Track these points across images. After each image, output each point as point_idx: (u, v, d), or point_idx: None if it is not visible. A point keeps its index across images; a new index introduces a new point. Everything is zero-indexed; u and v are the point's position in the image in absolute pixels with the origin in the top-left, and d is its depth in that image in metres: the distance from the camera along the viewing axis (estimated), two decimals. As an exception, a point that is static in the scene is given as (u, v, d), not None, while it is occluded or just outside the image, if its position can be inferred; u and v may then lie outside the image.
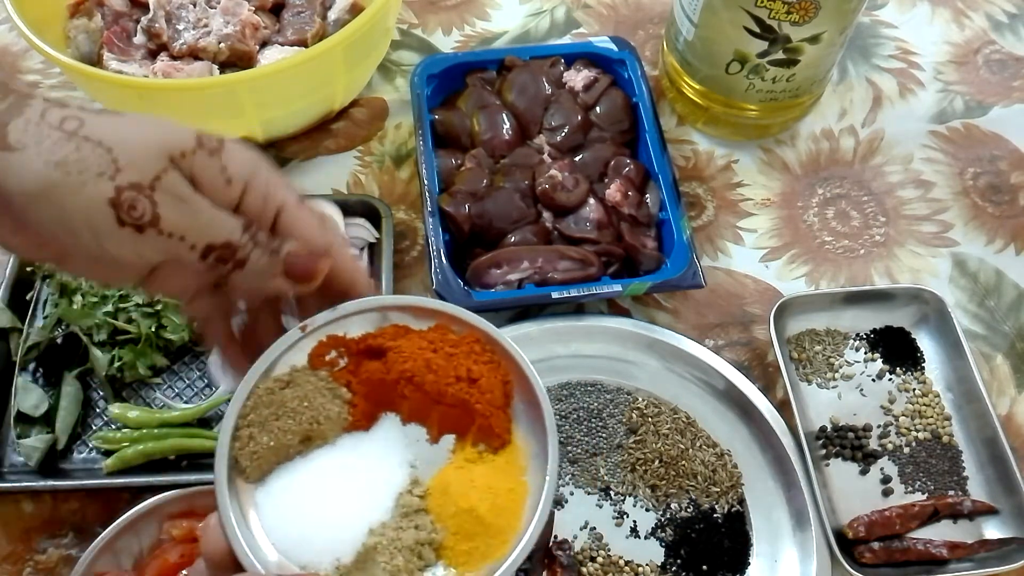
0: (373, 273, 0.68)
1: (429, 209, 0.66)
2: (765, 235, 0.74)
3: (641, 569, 0.57)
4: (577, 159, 0.71)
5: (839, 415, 0.64)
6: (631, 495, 0.60)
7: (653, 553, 0.58)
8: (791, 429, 0.61)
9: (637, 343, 0.65)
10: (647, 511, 0.60)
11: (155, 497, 0.55)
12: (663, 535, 0.59)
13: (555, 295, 0.62)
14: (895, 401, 0.65)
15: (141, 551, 0.55)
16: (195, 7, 0.71)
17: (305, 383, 0.39)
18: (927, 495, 0.61)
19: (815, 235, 0.74)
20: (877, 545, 0.57)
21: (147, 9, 0.72)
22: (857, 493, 0.61)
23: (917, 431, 0.63)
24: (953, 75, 0.85)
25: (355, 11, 0.72)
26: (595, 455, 0.61)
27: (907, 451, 0.63)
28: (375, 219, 0.69)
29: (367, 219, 0.69)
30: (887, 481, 0.61)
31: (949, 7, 0.91)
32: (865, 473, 0.62)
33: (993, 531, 0.59)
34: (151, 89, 0.65)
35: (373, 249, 0.69)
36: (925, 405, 0.64)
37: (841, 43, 0.70)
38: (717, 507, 0.60)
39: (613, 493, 0.60)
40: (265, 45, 0.73)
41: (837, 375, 0.66)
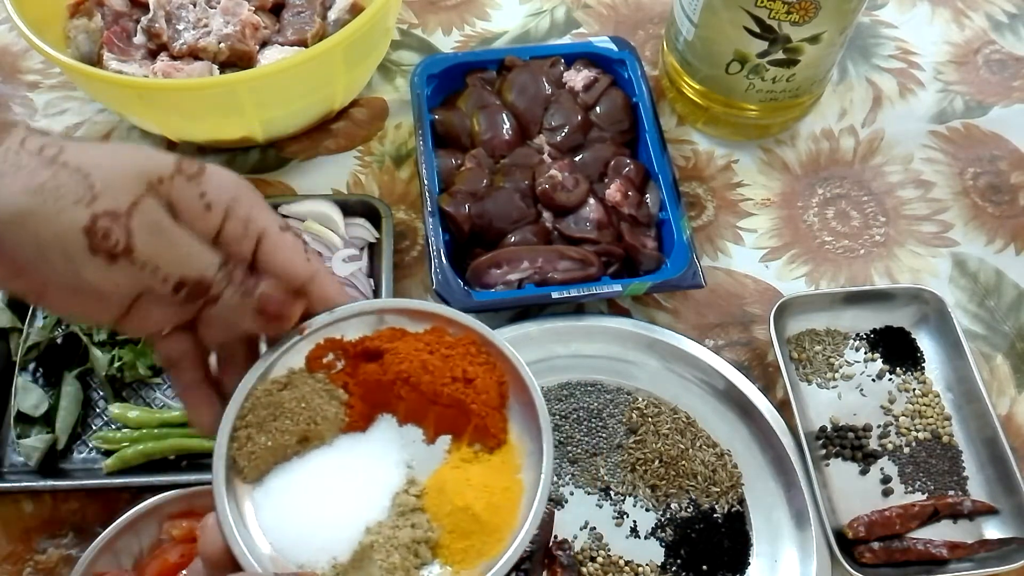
0: (373, 273, 0.68)
1: (429, 209, 0.66)
2: (765, 235, 0.74)
3: (641, 569, 0.57)
4: (577, 159, 0.71)
5: (839, 415, 0.64)
6: (631, 495, 0.60)
7: (653, 553, 0.58)
8: (791, 429, 0.61)
9: (637, 343, 0.65)
10: (647, 511, 0.60)
11: (155, 497, 0.55)
12: (663, 535, 0.59)
13: (555, 295, 0.62)
14: (895, 401, 0.65)
15: (141, 551, 0.55)
16: (195, 7, 0.71)
17: (303, 385, 0.39)
18: (927, 495, 0.61)
19: (815, 235, 0.74)
20: (877, 545, 0.57)
21: (147, 9, 0.72)
22: (857, 493, 0.61)
23: (917, 431, 0.63)
24: (953, 75, 0.85)
25: (355, 11, 0.72)
26: (595, 455, 0.61)
27: (907, 451, 0.63)
28: (375, 219, 0.69)
29: (367, 219, 0.69)
30: (887, 481, 0.61)
31: (949, 7, 0.91)
32: (865, 473, 0.62)
33: (993, 531, 0.59)
34: (151, 89, 0.65)
35: (373, 249, 0.69)
36: (925, 405, 0.64)
37: (841, 43, 0.70)
38: (717, 507, 0.60)
39: (613, 493, 0.60)
40: (265, 45, 0.73)
41: (837, 375, 0.66)
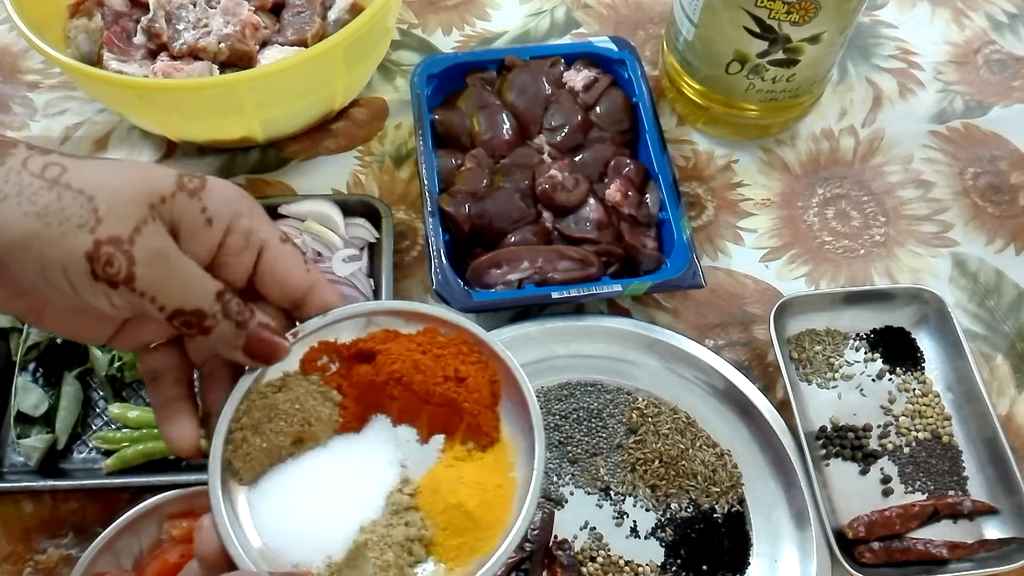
0: (373, 273, 0.68)
1: (429, 209, 0.66)
2: (765, 235, 0.74)
3: (641, 569, 0.57)
4: (577, 159, 0.71)
5: (839, 415, 0.64)
6: (631, 495, 0.60)
7: (653, 553, 0.58)
8: (791, 429, 0.61)
9: (637, 343, 0.65)
10: (647, 511, 0.60)
11: (155, 497, 0.55)
12: (663, 535, 0.59)
13: (555, 295, 0.62)
14: (895, 401, 0.65)
15: (141, 551, 0.55)
16: (195, 7, 0.71)
17: (297, 387, 0.40)
18: (927, 495, 0.61)
19: (815, 235, 0.74)
20: (877, 545, 0.57)
21: (147, 9, 0.72)
22: (857, 493, 0.61)
23: (917, 431, 0.63)
24: (953, 75, 0.85)
25: (355, 11, 0.72)
26: (595, 455, 0.61)
27: (907, 451, 0.63)
28: (375, 219, 0.69)
29: (367, 219, 0.69)
30: (887, 481, 0.61)
31: (949, 7, 0.91)
32: (865, 473, 0.62)
33: (993, 531, 0.59)
34: (151, 89, 0.65)
35: (373, 249, 0.69)
36: (925, 405, 0.64)
37: (841, 43, 0.70)
38: (717, 507, 0.60)
39: (613, 493, 0.60)
40: (265, 45, 0.73)
41: (837, 375, 0.66)
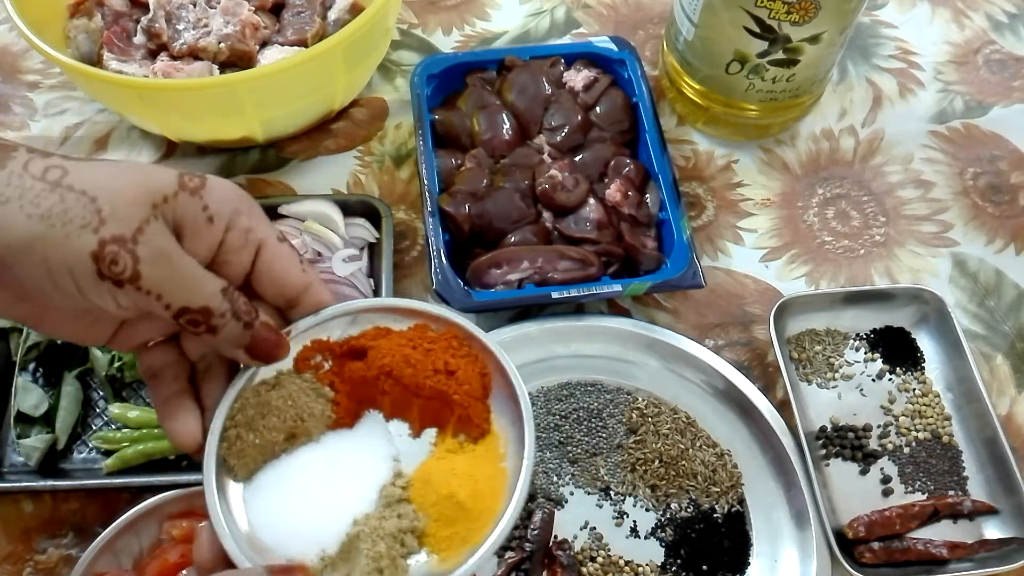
0: (373, 273, 0.68)
1: (429, 209, 0.66)
2: (765, 235, 0.74)
3: (641, 569, 0.57)
4: (577, 159, 0.71)
5: (839, 415, 0.64)
6: (631, 495, 0.60)
7: (653, 553, 0.58)
8: (791, 429, 0.61)
9: (637, 343, 0.65)
10: (647, 511, 0.60)
11: (155, 497, 0.55)
12: (663, 535, 0.59)
13: (555, 295, 0.62)
14: (895, 401, 0.65)
15: (141, 551, 0.55)
16: (195, 7, 0.71)
17: (290, 384, 0.40)
18: (927, 495, 0.61)
19: (815, 235, 0.74)
20: (877, 545, 0.57)
21: (147, 9, 0.72)
22: (857, 493, 0.61)
23: (917, 431, 0.63)
24: (953, 75, 0.85)
25: (355, 11, 0.72)
26: (595, 455, 0.61)
27: (907, 451, 0.63)
28: (375, 219, 0.69)
29: (367, 219, 0.69)
30: (887, 481, 0.61)
31: (949, 7, 0.91)
32: (865, 473, 0.62)
33: (993, 531, 0.59)
34: (151, 89, 0.65)
35: (373, 249, 0.69)
36: (925, 405, 0.64)
37: (841, 43, 0.70)
38: (717, 507, 0.60)
39: (613, 493, 0.60)
40: (265, 45, 0.73)
41: (837, 375, 0.66)
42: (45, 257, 0.33)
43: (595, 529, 0.59)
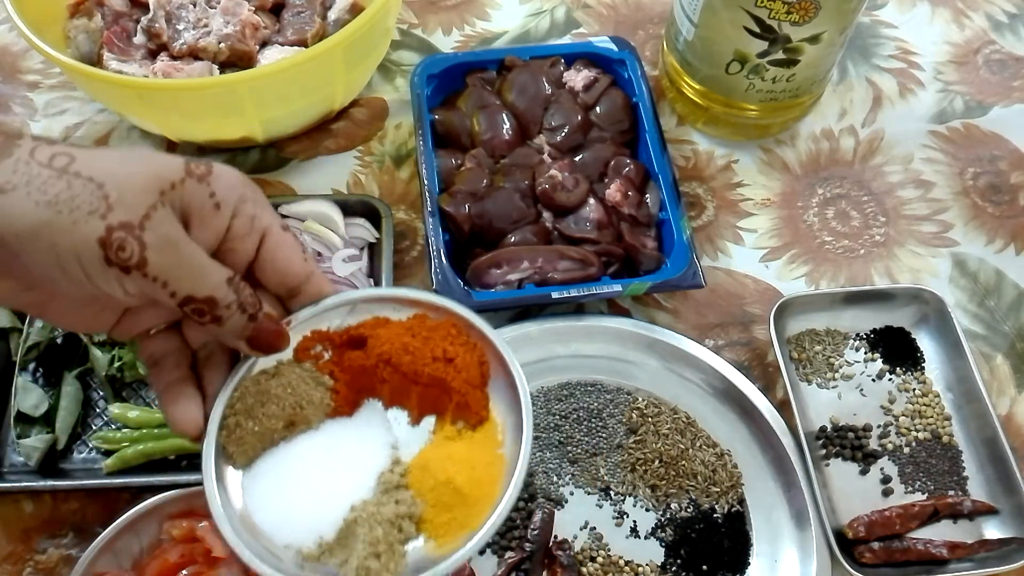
0: (373, 273, 0.68)
1: (429, 209, 0.66)
2: (765, 235, 0.74)
3: (641, 569, 0.57)
4: (577, 159, 0.71)
5: (839, 415, 0.64)
6: (631, 495, 0.60)
7: (653, 553, 0.58)
8: (791, 429, 0.61)
9: (637, 343, 0.65)
10: (647, 511, 0.60)
11: (155, 497, 0.55)
12: (663, 535, 0.59)
13: (555, 295, 0.62)
14: (895, 401, 0.65)
15: (141, 551, 0.55)
16: (195, 7, 0.71)
17: (289, 373, 0.40)
18: (927, 495, 0.61)
19: (815, 235, 0.74)
20: (877, 545, 0.57)
21: (147, 9, 0.72)
22: (857, 493, 0.61)
23: (917, 431, 0.63)
24: (953, 75, 0.85)
25: (355, 11, 0.72)
26: (595, 455, 0.61)
27: (907, 451, 0.63)
28: (375, 219, 0.69)
29: (367, 219, 0.69)
30: (887, 481, 0.61)
31: (949, 7, 0.91)
32: (865, 473, 0.62)
33: (993, 531, 0.59)
34: (151, 89, 0.65)
35: (373, 249, 0.69)
36: (925, 405, 0.64)
37: (841, 43, 0.70)
38: (717, 507, 0.60)
39: (613, 493, 0.60)
40: (265, 45, 0.73)
41: (837, 375, 0.66)
42: (53, 243, 0.33)
43: (595, 529, 0.59)
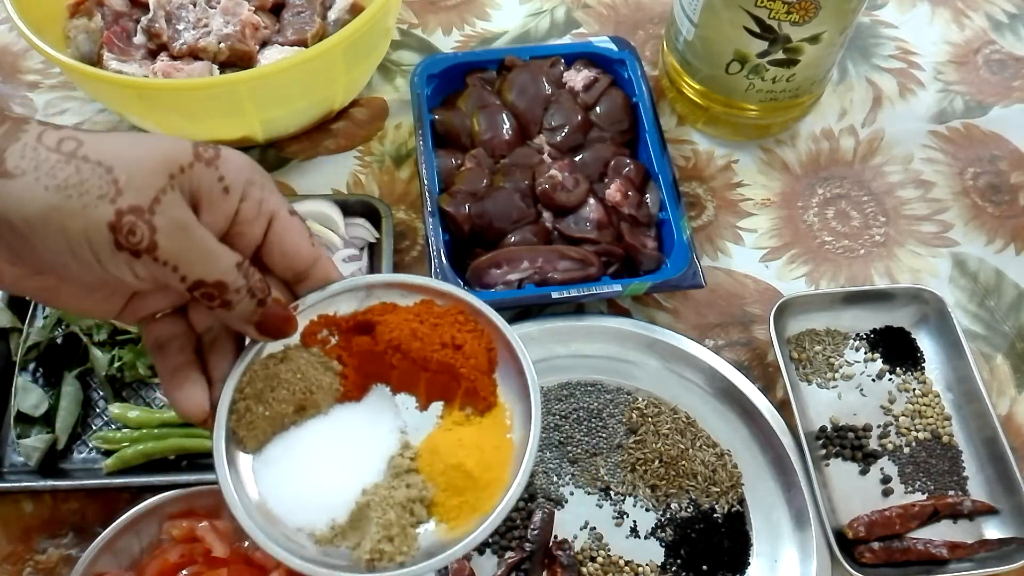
0: (373, 273, 0.68)
1: (429, 209, 0.66)
2: (765, 235, 0.74)
3: (641, 569, 0.57)
4: (577, 159, 0.71)
5: (839, 415, 0.64)
6: (631, 495, 0.60)
7: (653, 553, 0.58)
8: (791, 429, 0.61)
9: (637, 343, 0.65)
10: (647, 511, 0.60)
11: (155, 497, 0.55)
12: (663, 535, 0.59)
13: (555, 295, 0.62)
14: (895, 401, 0.65)
15: (141, 551, 0.55)
16: (195, 7, 0.71)
17: (298, 358, 0.41)
18: (927, 495, 0.61)
19: (815, 235, 0.74)
20: (877, 545, 0.57)
21: (147, 9, 0.72)
22: (857, 493, 0.61)
23: (917, 431, 0.63)
24: (953, 75, 0.85)
25: (355, 11, 0.72)
26: (595, 455, 0.61)
27: (907, 451, 0.63)
28: (375, 219, 0.69)
29: (367, 219, 0.69)
30: (887, 481, 0.61)
31: (949, 7, 0.91)
32: (865, 473, 0.62)
33: (993, 531, 0.59)
34: (151, 89, 0.65)
35: (373, 249, 0.69)
36: (925, 405, 0.64)
37: (841, 43, 0.70)
38: (717, 507, 0.60)
39: (613, 493, 0.60)
40: (265, 45, 0.73)
41: (837, 375, 0.66)
42: (63, 228, 0.32)
43: (595, 529, 0.59)
